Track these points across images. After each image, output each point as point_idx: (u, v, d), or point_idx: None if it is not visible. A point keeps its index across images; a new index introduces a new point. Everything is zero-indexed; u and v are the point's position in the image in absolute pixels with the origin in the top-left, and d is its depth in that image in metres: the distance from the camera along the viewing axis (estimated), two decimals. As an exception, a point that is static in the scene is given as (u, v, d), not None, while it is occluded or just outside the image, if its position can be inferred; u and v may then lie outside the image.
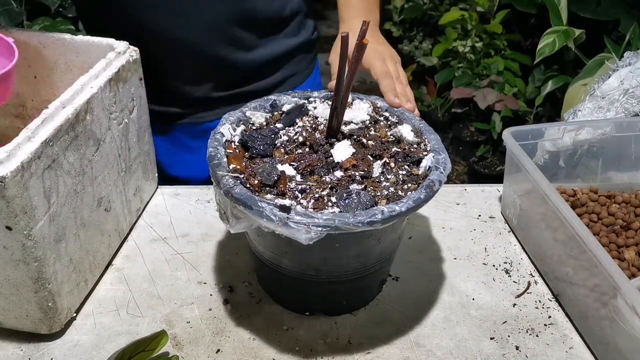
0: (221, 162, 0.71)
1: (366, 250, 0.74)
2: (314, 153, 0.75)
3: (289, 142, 0.77)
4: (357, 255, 0.74)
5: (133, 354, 0.71)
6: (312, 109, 0.84)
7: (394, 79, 0.90)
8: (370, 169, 0.73)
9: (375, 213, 0.65)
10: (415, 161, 0.75)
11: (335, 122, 0.76)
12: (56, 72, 0.91)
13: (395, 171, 0.74)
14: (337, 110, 0.75)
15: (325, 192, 0.69)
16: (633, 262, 0.83)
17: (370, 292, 0.83)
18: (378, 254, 0.76)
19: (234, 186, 0.67)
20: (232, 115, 0.79)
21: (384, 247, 0.76)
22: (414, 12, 2.75)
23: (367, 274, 0.77)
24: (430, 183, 0.70)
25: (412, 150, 0.77)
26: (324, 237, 0.64)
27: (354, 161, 0.73)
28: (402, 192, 0.70)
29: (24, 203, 0.65)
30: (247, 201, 0.65)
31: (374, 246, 0.74)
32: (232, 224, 0.70)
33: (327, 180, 0.71)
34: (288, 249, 0.73)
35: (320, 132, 0.79)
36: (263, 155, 0.75)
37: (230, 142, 0.76)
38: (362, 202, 0.67)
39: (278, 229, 0.65)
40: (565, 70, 2.02)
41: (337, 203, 0.67)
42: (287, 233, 0.64)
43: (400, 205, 0.66)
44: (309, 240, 0.63)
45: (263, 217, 0.64)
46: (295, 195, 0.69)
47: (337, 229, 0.64)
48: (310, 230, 0.63)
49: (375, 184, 0.71)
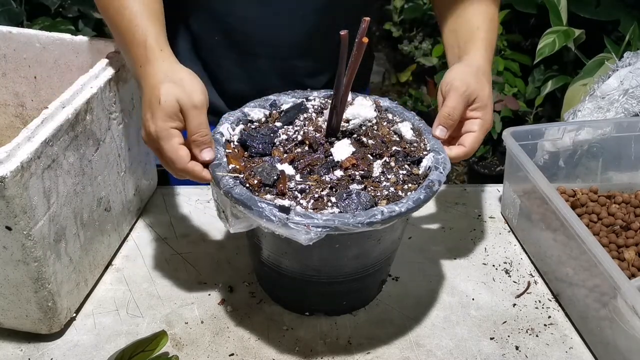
0: (221, 162, 0.71)
1: (366, 251, 0.74)
2: (313, 152, 0.75)
3: (288, 140, 0.77)
4: (356, 255, 0.74)
5: (133, 354, 0.71)
6: (311, 107, 0.83)
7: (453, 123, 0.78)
8: (370, 169, 0.73)
9: (375, 214, 0.64)
10: (416, 161, 0.75)
11: (335, 121, 0.76)
12: (56, 72, 0.91)
13: (396, 171, 0.74)
14: (336, 108, 0.75)
15: (325, 192, 0.69)
16: (633, 262, 0.83)
17: (370, 292, 0.83)
18: (378, 254, 0.76)
19: (234, 186, 0.67)
20: (232, 115, 0.79)
21: (383, 247, 0.76)
22: (414, 12, 2.74)
23: (367, 274, 0.77)
24: (430, 183, 0.70)
25: (412, 149, 0.77)
26: (324, 238, 0.64)
27: (353, 160, 0.73)
28: (402, 193, 0.70)
29: (23, 203, 0.65)
30: (247, 201, 0.65)
31: (373, 246, 0.74)
32: (232, 223, 0.70)
33: (327, 180, 0.71)
34: (288, 249, 0.73)
35: (319, 130, 0.79)
36: (262, 154, 0.74)
37: (229, 141, 0.76)
38: (362, 202, 0.67)
39: (278, 230, 0.64)
40: (565, 70, 2.02)
41: (336, 203, 0.67)
42: (286, 234, 0.64)
43: (400, 205, 0.66)
44: (308, 240, 0.63)
45: (263, 217, 0.64)
46: (294, 195, 0.69)
47: (336, 229, 0.63)
48: (310, 231, 0.63)
49: (375, 184, 0.71)
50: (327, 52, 0.72)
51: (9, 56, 0.91)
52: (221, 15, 0.95)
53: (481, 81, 0.80)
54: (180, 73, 0.72)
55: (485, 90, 0.80)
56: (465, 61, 0.82)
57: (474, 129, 0.79)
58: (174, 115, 0.70)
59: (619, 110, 1.05)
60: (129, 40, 0.75)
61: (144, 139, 0.73)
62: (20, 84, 0.94)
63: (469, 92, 0.78)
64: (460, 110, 0.78)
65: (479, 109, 0.79)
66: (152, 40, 0.73)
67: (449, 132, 0.78)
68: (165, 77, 0.71)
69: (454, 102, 0.77)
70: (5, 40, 0.90)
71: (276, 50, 0.97)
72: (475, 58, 0.83)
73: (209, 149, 0.71)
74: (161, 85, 0.70)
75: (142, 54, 0.73)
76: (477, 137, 0.78)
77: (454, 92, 0.78)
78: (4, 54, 0.91)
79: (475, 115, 0.79)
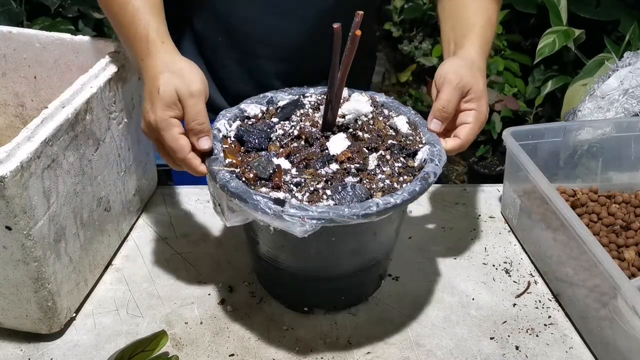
0: (218, 157, 0.71)
1: (362, 245, 0.74)
2: (309, 146, 0.75)
3: (285, 135, 0.77)
4: (353, 249, 0.74)
5: (133, 354, 0.71)
6: (308, 103, 0.83)
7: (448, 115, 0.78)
8: (366, 162, 0.73)
9: (370, 205, 0.65)
10: (411, 153, 0.75)
11: (330, 115, 0.76)
12: (56, 72, 0.91)
13: (391, 163, 0.74)
14: (331, 103, 0.74)
15: (320, 185, 0.69)
16: (633, 262, 0.83)
17: (369, 287, 0.83)
18: (375, 248, 0.76)
19: (230, 180, 0.67)
20: (229, 112, 0.79)
21: (380, 241, 0.76)
22: (414, 13, 2.75)
23: (364, 269, 0.78)
24: (426, 175, 0.70)
25: (408, 142, 0.77)
26: (320, 231, 0.64)
27: (349, 154, 0.73)
28: (398, 185, 0.70)
29: (23, 203, 0.65)
30: (243, 195, 0.65)
31: (370, 240, 0.74)
32: (228, 217, 0.70)
33: (323, 173, 0.71)
34: (284, 243, 0.74)
35: (316, 125, 0.79)
36: (258, 149, 0.74)
37: (226, 137, 0.76)
38: (357, 194, 0.67)
39: (273, 222, 0.65)
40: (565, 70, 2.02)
41: (332, 196, 0.67)
42: (281, 226, 0.64)
43: (395, 197, 0.66)
44: (303, 233, 0.63)
45: (258, 210, 0.64)
46: (290, 188, 0.69)
47: (331, 221, 0.63)
48: (305, 223, 0.63)
49: (371, 177, 0.71)
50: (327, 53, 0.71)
51: (9, 56, 0.91)
52: (223, 15, 0.95)
53: (475, 74, 0.79)
54: (180, 63, 0.73)
55: (480, 83, 0.79)
56: (459, 55, 0.82)
57: (468, 120, 0.78)
58: (173, 104, 0.70)
59: (619, 110, 1.05)
60: (131, 34, 0.75)
61: (144, 130, 0.73)
62: (20, 84, 0.94)
63: (462, 84, 0.77)
64: (454, 103, 0.77)
65: (474, 100, 0.78)
66: (153, 34, 0.74)
67: (443, 125, 0.78)
68: (165, 67, 0.72)
69: (448, 94, 0.77)
70: (5, 40, 0.90)
71: (277, 50, 0.98)
72: (469, 52, 0.82)
73: (207, 137, 0.71)
74: (161, 75, 0.71)
75: (144, 47, 0.74)
76: (472, 128, 0.78)
77: (448, 85, 0.77)
78: (4, 54, 0.91)
79: (470, 107, 0.78)
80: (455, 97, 0.77)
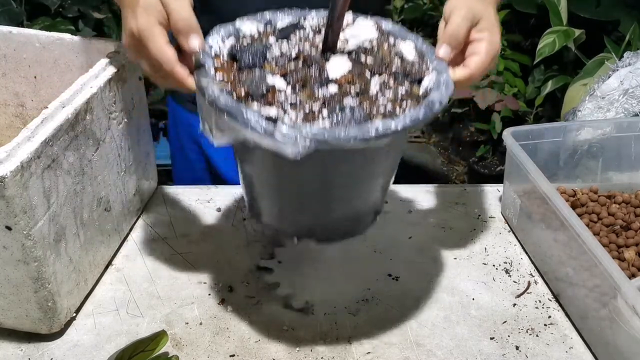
0: (208, 73, 0.66)
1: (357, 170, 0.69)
2: (307, 67, 0.70)
3: (282, 56, 0.71)
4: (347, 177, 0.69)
5: (133, 354, 0.71)
6: (309, 26, 0.77)
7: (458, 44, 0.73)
8: (367, 86, 0.68)
9: (369, 129, 0.60)
10: (417, 80, 0.70)
11: (331, 38, 0.70)
12: (56, 72, 0.91)
13: (395, 89, 0.68)
14: (332, 24, 0.69)
15: (316, 107, 0.64)
16: (633, 262, 0.83)
17: (363, 220, 0.77)
18: (369, 175, 0.71)
19: (219, 95, 0.63)
20: (223, 27, 0.74)
21: (377, 172, 0.71)
22: (414, 12, 2.74)
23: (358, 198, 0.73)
24: (430, 102, 0.65)
25: (413, 69, 0.71)
26: (313, 155, 0.59)
27: (350, 77, 0.68)
28: (400, 110, 0.65)
29: (23, 203, 0.65)
30: (232, 111, 0.61)
31: (365, 168, 0.69)
32: (216, 136, 0.66)
33: (320, 95, 0.66)
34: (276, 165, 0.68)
35: (315, 48, 0.73)
36: (252, 66, 0.69)
37: (218, 55, 0.70)
38: (356, 117, 0.62)
39: (263, 141, 0.60)
40: (565, 70, 2.02)
41: (328, 117, 0.62)
42: (273, 146, 0.60)
43: (396, 121, 0.62)
44: (296, 154, 0.59)
45: (248, 127, 0.60)
46: (284, 108, 0.64)
47: (326, 143, 0.59)
48: (298, 144, 0.59)
49: (372, 101, 0.66)
50: None
51: (9, 56, 0.91)
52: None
53: (486, 5, 0.74)
54: None
55: (492, 13, 0.74)
56: None
57: (480, 50, 0.73)
58: (156, 11, 0.65)
59: (619, 110, 1.06)
60: None
61: (126, 44, 0.68)
62: (20, 84, 0.94)
63: (473, 12, 0.72)
64: (465, 29, 0.72)
65: (485, 30, 0.73)
66: None
67: (453, 51, 0.73)
68: None
69: (458, 19, 0.72)
70: (5, 40, 0.90)
71: None
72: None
73: (196, 34, 0.66)
74: None
75: None
76: (482, 59, 0.73)
77: (458, 12, 0.72)
78: (4, 54, 0.91)
79: (481, 37, 0.73)
80: (465, 24, 0.72)
